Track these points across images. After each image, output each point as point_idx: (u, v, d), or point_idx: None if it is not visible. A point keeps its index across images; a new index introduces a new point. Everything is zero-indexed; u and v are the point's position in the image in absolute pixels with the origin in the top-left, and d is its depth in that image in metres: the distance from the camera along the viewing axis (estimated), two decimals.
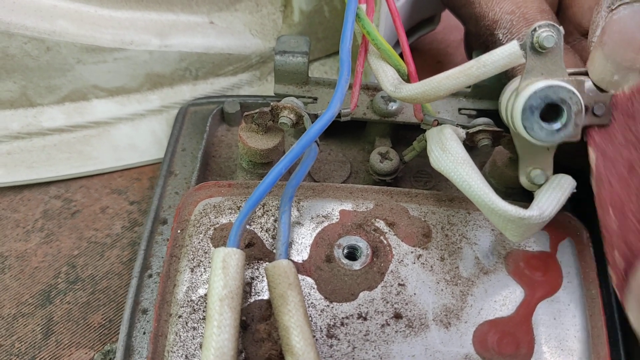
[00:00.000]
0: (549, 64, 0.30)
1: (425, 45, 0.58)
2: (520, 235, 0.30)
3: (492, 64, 0.30)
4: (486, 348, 0.31)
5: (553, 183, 0.31)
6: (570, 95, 0.29)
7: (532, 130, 0.29)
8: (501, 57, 0.30)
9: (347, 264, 0.32)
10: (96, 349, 0.36)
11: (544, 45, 0.29)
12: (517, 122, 0.30)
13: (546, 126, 0.29)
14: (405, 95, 0.32)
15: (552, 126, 0.29)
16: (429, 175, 0.41)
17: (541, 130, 0.29)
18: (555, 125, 0.29)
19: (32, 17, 0.40)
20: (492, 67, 0.30)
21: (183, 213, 0.34)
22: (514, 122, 0.30)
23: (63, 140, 0.45)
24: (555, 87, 0.29)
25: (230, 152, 0.43)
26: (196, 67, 0.47)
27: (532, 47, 0.30)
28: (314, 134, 0.31)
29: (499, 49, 0.30)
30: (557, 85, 0.29)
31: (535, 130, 0.29)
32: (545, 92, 0.29)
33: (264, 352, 0.29)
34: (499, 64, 0.30)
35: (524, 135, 0.30)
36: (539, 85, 0.29)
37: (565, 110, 0.29)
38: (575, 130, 0.29)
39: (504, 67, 0.30)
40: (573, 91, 0.29)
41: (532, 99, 0.29)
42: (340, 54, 0.33)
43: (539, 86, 0.29)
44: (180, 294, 0.31)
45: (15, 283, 0.39)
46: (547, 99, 0.29)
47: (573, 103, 0.29)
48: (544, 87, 0.29)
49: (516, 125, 0.30)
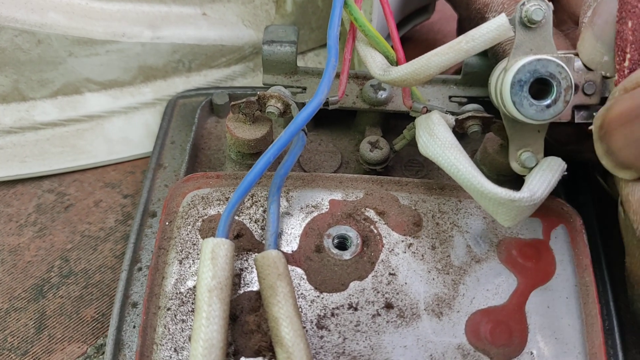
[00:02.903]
0: (538, 39, 0.30)
1: (421, 35, 0.58)
2: (511, 219, 0.30)
3: (481, 38, 0.30)
4: (479, 337, 0.30)
5: (543, 165, 0.31)
6: (560, 69, 0.29)
7: (521, 107, 0.29)
8: (489, 30, 0.30)
9: (337, 253, 0.32)
10: (89, 343, 0.36)
11: (533, 19, 0.29)
12: (506, 99, 0.29)
13: (535, 102, 0.29)
14: (394, 77, 0.32)
15: (542, 102, 0.29)
16: (420, 165, 0.41)
17: (530, 106, 0.29)
18: (544, 101, 0.29)
19: (22, 10, 0.40)
20: (481, 41, 0.30)
21: (171, 205, 0.34)
22: (503, 100, 0.30)
23: (56, 134, 0.45)
24: (544, 61, 0.29)
25: (219, 144, 0.43)
26: (189, 59, 0.46)
27: (521, 22, 0.29)
28: (301, 122, 0.31)
29: (488, 22, 0.30)
30: (546, 59, 0.29)
31: (524, 106, 0.29)
32: (534, 66, 0.29)
33: (253, 343, 0.29)
34: (487, 37, 0.30)
35: (514, 112, 0.29)
36: (527, 59, 0.29)
37: (555, 85, 0.29)
38: (565, 108, 0.29)
39: (493, 41, 0.30)
40: (562, 65, 0.29)
41: (520, 72, 0.29)
42: (328, 40, 0.33)
43: (527, 59, 0.29)
44: (168, 287, 0.31)
45: (8, 277, 0.39)
46: (536, 73, 0.29)
47: (562, 78, 0.29)
48: (533, 60, 0.29)
49: (505, 103, 0.30)
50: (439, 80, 0.39)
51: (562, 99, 0.29)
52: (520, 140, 0.32)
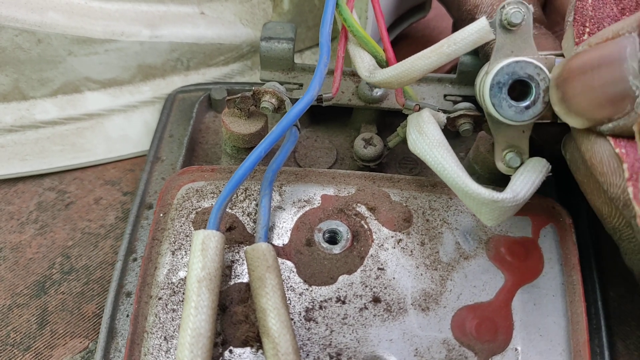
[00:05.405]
0: (518, 41, 0.30)
1: (418, 33, 0.58)
2: (495, 218, 0.30)
3: (463, 41, 0.30)
4: (464, 333, 0.31)
5: (528, 166, 0.31)
6: (538, 71, 0.29)
7: (500, 108, 0.29)
8: (470, 33, 0.30)
9: (327, 247, 0.32)
10: (91, 338, 0.36)
11: (512, 22, 0.29)
12: (486, 100, 0.30)
13: (514, 104, 0.29)
14: (379, 80, 0.32)
15: (520, 104, 0.29)
16: (414, 162, 0.41)
17: (510, 107, 0.29)
18: (523, 103, 0.29)
19: (22, 10, 0.40)
20: (463, 44, 0.30)
21: (166, 197, 0.34)
22: (485, 102, 0.30)
23: (56, 132, 0.45)
24: (522, 63, 0.29)
25: (217, 139, 0.43)
26: (187, 58, 0.47)
27: (501, 24, 0.30)
28: (293, 117, 0.31)
29: (469, 26, 0.30)
30: (524, 61, 0.29)
31: (503, 107, 0.29)
32: (512, 68, 0.29)
33: (241, 334, 0.29)
34: (468, 40, 0.30)
35: (494, 114, 0.30)
36: (506, 61, 0.29)
37: (534, 87, 0.29)
38: (544, 109, 0.29)
39: (474, 44, 0.30)
40: (540, 67, 0.29)
41: (499, 75, 0.29)
42: (320, 38, 0.33)
43: (506, 62, 0.29)
44: (161, 277, 0.32)
45: (10, 274, 0.39)
46: (515, 75, 0.29)
47: (540, 79, 0.29)
48: (511, 62, 0.29)
49: (487, 104, 0.30)
50: (434, 79, 0.40)
51: (541, 100, 0.29)
52: (506, 141, 0.32)
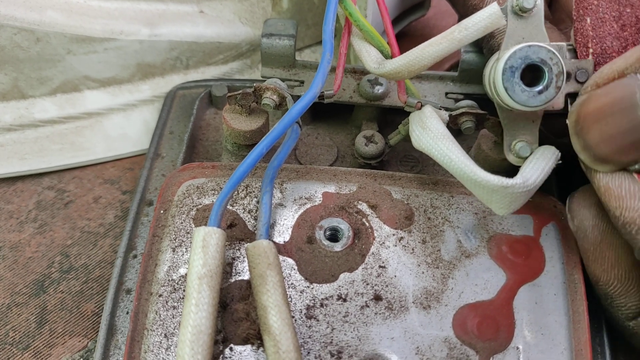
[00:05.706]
0: (529, 27, 0.30)
1: (417, 31, 0.58)
2: (506, 206, 0.30)
3: (474, 26, 0.30)
4: (466, 331, 0.31)
5: (537, 154, 0.31)
6: (551, 55, 0.29)
7: (513, 92, 0.29)
8: (482, 18, 0.30)
9: (329, 245, 0.32)
10: (90, 337, 0.36)
11: (524, 7, 0.29)
12: (498, 86, 0.30)
13: (527, 88, 0.29)
14: (389, 70, 0.32)
15: (534, 89, 0.29)
16: (415, 160, 0.41)
17: (522, 92, 0.29)
18: (536, 88, 0.29)
19: (21, 8, 0.40)
20: (474, 30, 0.30)
21: (166, 194, 0.34)
22: (496, 88, 0.30)
23: (55, 131, 0.45)
24: (535, 47, 0.29)
25: (217, 135, 0.43)
26: (187, 56, 0.47)
27: (513, 10, 0.30)
28: (295, 114, 0.31)
29: (480, 11, 0.30)
30: (537, 45, 0.29)
31: (516, 92, 0.29)
32: (525, 52, 0.29)
33: (242, 331, 0.29)
34: (480, 26, 0.30)
35: (506, 99, 0.30)
36: (519, 45, 0.29)
37: (547, 71, 0.29)
38: (557, 93, 0.29)
39: (485, 29, 0.30)
40: (553, 51, 0.29)
41: (512, 59, 0.29)
42: (323, 34, 0.33)
43: (519, 46, 0.29)
44: (161, 273, 0.32)
45: (9, 273, 0.39)
46: (527, 59, 0.29)
47: (553, 64, 0.29)
48: (524, 46, 0.29)
49: (498, 90, 0.30)
50: (435, 77, 0.40)
51: (554, 84, 0.29)
52: (515, 131, 0.32)
